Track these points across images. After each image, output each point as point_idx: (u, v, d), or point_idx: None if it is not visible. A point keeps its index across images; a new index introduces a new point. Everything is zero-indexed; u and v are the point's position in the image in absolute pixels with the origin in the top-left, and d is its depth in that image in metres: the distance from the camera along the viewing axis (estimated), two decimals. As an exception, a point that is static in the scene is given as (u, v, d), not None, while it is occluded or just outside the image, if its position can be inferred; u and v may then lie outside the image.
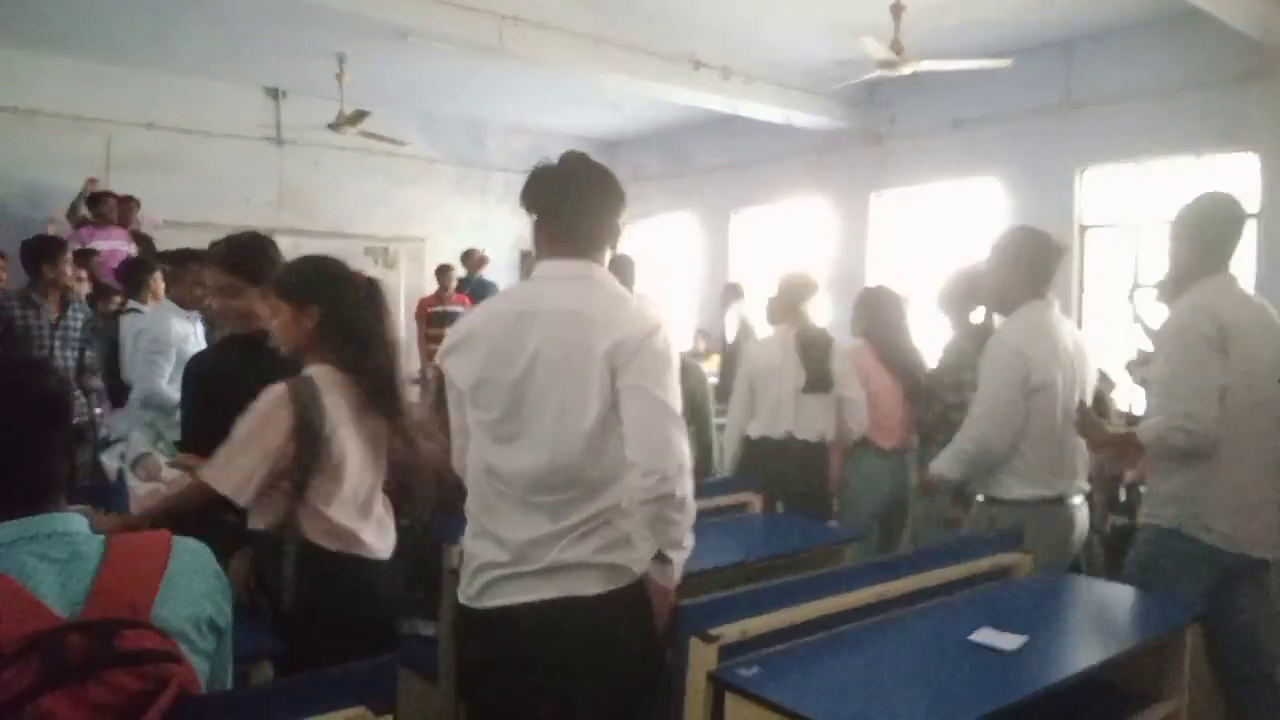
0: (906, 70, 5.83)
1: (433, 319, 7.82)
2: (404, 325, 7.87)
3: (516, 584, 1.77)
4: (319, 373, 2.13)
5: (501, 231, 9.84)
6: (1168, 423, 2.36)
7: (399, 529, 2.89)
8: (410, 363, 7.66)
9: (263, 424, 2.02)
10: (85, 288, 5.53)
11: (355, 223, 9.07)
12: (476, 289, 8.49)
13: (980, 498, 2.85)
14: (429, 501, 2.35)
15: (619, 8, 6.49)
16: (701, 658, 1.81)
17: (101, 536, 1.27)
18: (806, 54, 7.20)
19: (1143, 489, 2.79)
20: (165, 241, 6.61)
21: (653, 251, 11.00)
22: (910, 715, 1.70)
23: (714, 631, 1.83)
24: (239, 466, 2.01)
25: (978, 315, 3.48)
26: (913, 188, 8.16)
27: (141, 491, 2.45)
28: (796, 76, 7.66)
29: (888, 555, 3.45)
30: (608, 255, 1.91)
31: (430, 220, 9.49)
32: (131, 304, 4.94)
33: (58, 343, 4.50)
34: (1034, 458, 2.71)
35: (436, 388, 2.78)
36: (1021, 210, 6.87)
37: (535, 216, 1.91)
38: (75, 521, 1.27)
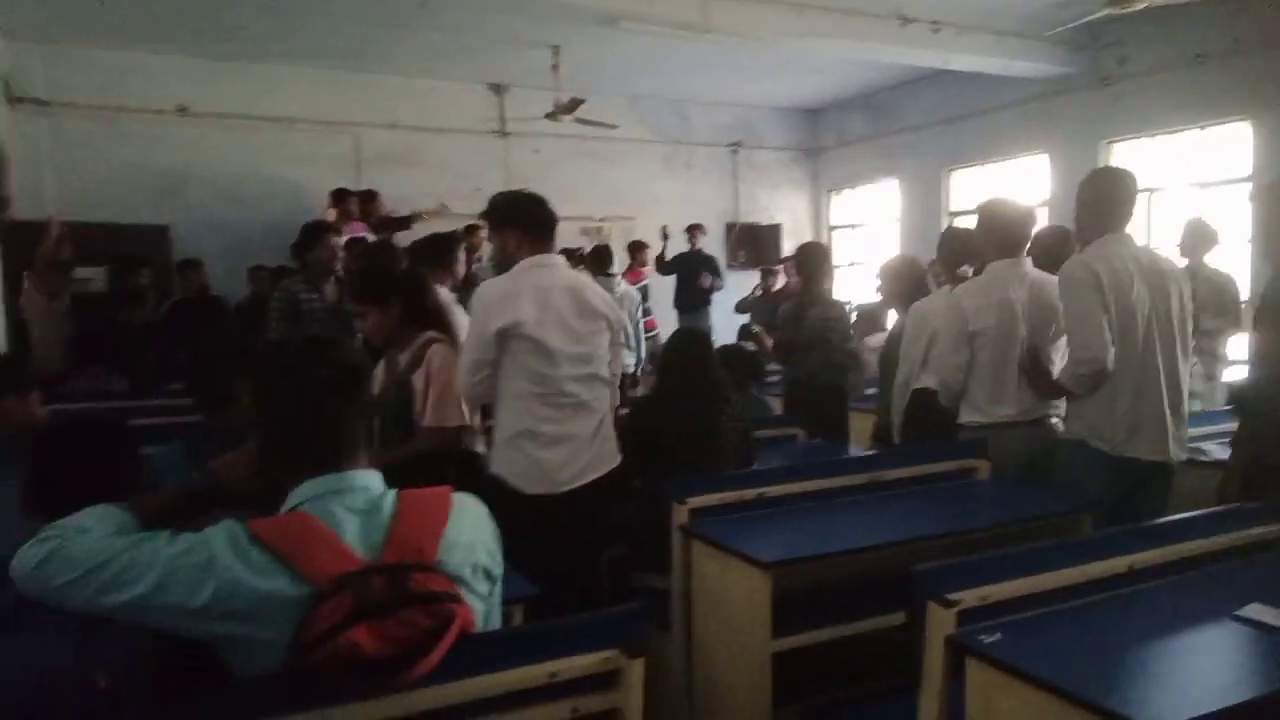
0: (1140, 5, 5.31)
1: None
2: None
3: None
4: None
5: (706, 205, 9.97)
6: (1072, 365, 2.91)
7: (631, 490, 3.08)
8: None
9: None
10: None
11: (571, 204, 9.40)
12: (690, 261, 8.64)
13: None
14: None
15: (822, -29, 6.38)
16: (940, 622, 1.81)
17: (395, 491, 1.45)
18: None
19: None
20: (407, 232, 7.25)
21: (859, 217, 10.74)
22: (1173, 692, 1.60)
23: (952, 596, 1.82)
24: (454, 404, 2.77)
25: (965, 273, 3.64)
26: (1145, 139, 7.43)
27: None
28: (1012, 23, 7.18)
29: (1142, 524, 3.23)
30: None
31: (639, 198, 9.76)
32: None
33: (339, 323, 4.97)
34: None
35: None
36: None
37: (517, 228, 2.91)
38: (373, 478, 1.45)
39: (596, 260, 7.10)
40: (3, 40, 7.07)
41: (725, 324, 8.18)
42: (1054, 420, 3.23)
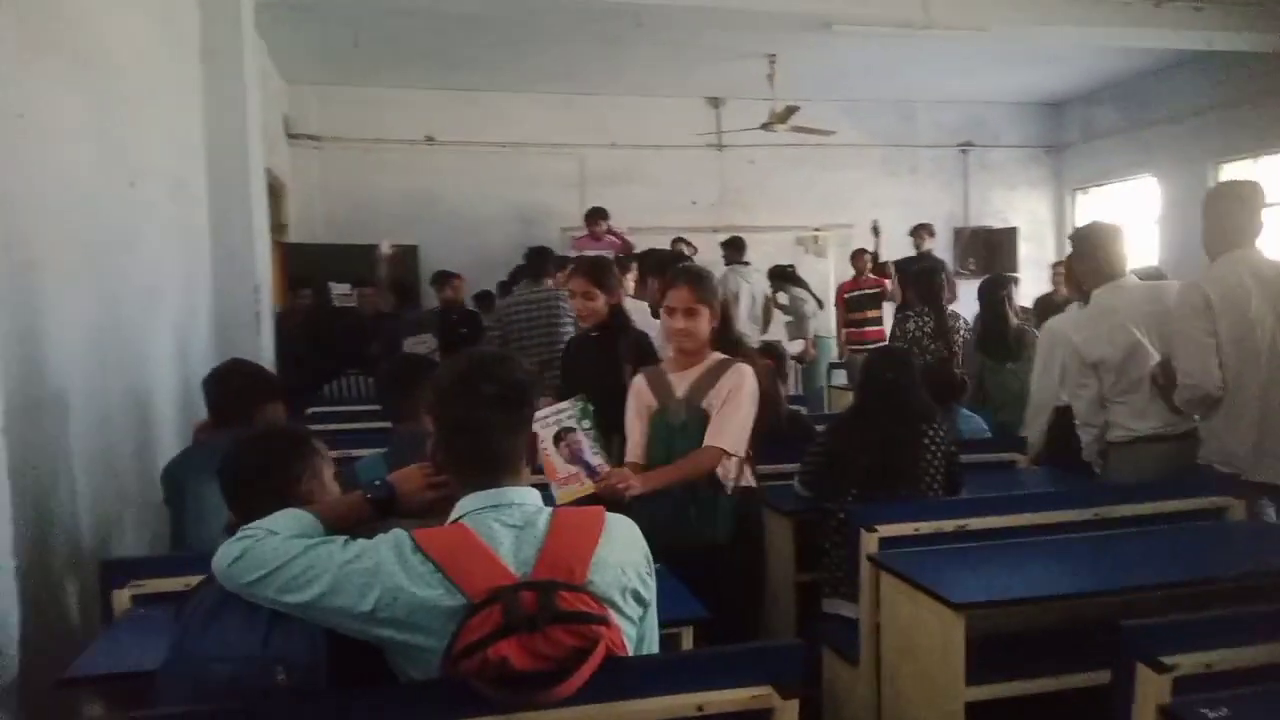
0: None
1: (849, 303, 7.63)
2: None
3: None
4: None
5: (932, 209, 9.45)
6: (1179, 389, 2.92)
7: (821, 512, 2.98)
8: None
9: (751, 400, 2.66)
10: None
11: (787, 214, 9.39)
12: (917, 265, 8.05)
13: None
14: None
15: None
16: (1151, 688, 1.60)
17: (549, 509, 1.47)
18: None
19: None
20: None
21: (1110, 218, 9.77)
22: None
23: (1168, 660, 1.60)
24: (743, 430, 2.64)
25: None
26: None
27: (561, 471, 2.39)
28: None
29: None
30: None
31: (859, 204, 9.46)
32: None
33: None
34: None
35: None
36: None
37: None
38: (529, 494, 1.48)
39: (734, 249, 7.23)
40: (284, 85, 8.07)
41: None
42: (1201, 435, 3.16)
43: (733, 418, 2.63)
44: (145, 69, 3.89)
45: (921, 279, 5.37)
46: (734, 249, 7.24)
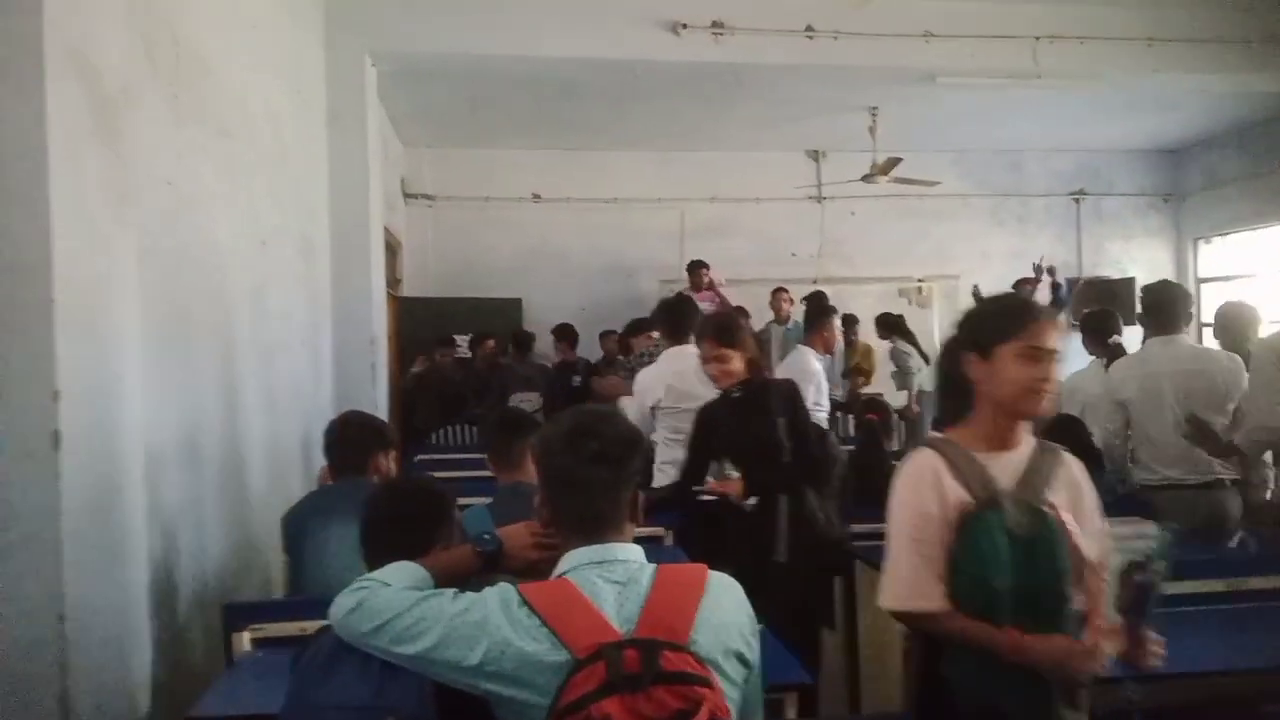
0: None
1: None
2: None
3: None
4: None
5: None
6: (1249, 431, 3.20)
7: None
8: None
9: None
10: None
11: (889, 265, 9.25)
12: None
13: None
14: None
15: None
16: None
17: (654, 566, 1.46)
18: None
19: None
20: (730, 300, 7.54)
21: (1236, 268, 9.29)
22: None
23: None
24: None
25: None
26: None
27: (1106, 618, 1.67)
28: None
29: None
30: None
31: (965, 255, 9.25)
32: None
33: None
34: None
35: None
36: None
37: None
38: (633, 550, 1.48)
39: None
40: (402, 148, 8.50)
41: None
42: (1228, 483, 3.45)
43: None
44: (278, 135, 4.17)
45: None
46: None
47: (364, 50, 5.42)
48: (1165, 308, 3.71)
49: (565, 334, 7.79)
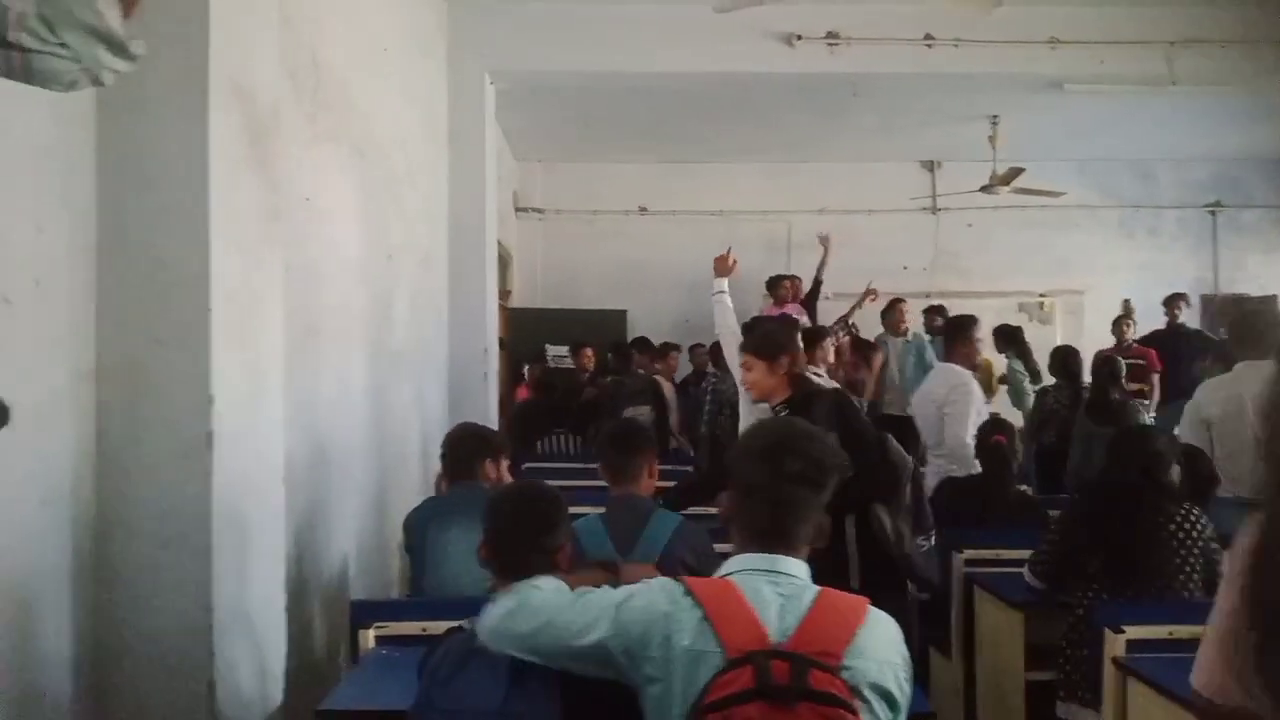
0: None
1: None
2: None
3: None
4: None
5: (1174, 274, 8.64)
6: None
7: (1059, 606, 2.78)
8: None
9: None
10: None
11: (1007, 279, 8.94)
12: (1170, 340, 6.99)
13: None
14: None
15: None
16: None
17: (818, 588, 1.46)
18: None
19: None
20: (833, 311, 7.44)
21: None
22: None
23: None
24: None
25: None
26: None
27: None
28: None
29: None
30: None
31: (1089, 269, 8.86)
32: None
33: None
34: None
35: None
36: None
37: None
38: (802, 568, 1.48)
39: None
40: (516, 163, 8.74)
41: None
42: None
43: None
44: (405, 153, 4.35)
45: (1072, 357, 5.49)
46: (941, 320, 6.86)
47: (483, 70, 5.60)
48: (1256, 334, 3.83)
49: (645, 347, 7.70)
